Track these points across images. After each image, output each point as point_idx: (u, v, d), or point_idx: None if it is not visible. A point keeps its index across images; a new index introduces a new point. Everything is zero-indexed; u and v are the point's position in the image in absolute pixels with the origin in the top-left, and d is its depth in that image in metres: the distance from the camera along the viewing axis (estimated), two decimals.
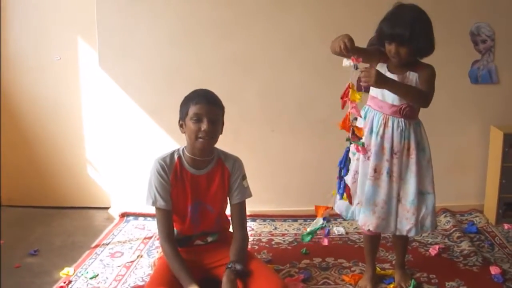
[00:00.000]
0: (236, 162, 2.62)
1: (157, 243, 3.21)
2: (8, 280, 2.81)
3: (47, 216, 3.77)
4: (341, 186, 2.40)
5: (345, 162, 2.38)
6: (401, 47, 2.34)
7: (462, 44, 3.57)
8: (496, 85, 3.63)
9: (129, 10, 3.55)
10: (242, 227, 2.61)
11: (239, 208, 2.61)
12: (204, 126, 2.39)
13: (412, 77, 2.42)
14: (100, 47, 3.57)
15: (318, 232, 2.55)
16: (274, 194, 3.70)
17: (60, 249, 3.25)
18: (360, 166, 2.56)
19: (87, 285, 2.78)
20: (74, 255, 3.15)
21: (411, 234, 2.54)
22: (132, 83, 3.63)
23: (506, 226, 3.48)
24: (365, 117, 2.56)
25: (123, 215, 3.73)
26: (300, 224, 3.59)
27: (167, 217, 2.51)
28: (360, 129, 2.32)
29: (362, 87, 2.35)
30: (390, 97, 2.45)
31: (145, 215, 3.66)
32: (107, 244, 3.29)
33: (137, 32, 3.57)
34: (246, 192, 2.62)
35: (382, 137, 2.49)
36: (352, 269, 2.93)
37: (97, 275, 2.88)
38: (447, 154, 3.53)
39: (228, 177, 2.59)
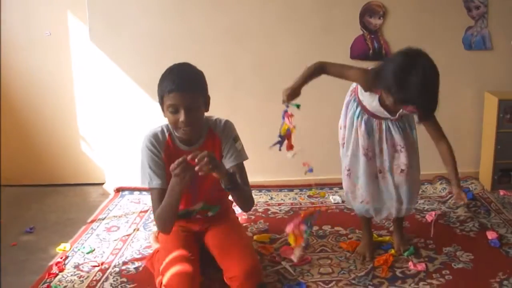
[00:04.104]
0: (225, 127, 2.46)
1: (153, 216, 3.19)
2: (5, 258, 2.80)
3: (41, 194, 3.76)
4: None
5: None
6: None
7: (455, 10, 3.54)
8: (490, 51, 3.61)
9: None
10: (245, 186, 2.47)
11: (237, 171, 2.42)
12: (181, 117, 2.23)
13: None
14: (90, 21, 3.52)
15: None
16: (269, 164, 3.67)
17: (55, 226, 3.25)
18: (364, 166, 2.58)
19: (84, 259, 2.78)
20: (69, 231, 3.15)
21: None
22: (124, 57, 3.60)
23: (501, 192, 3.50)
24: (357, 117, 2.57)
25: (118, 190, 3.72)
26: (296, 194, 3.61)
27: (163, 197, 2.32)
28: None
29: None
30: (384, 114, 2.49)
31: (140, 189, 3.66)
32: (103, 219, 3.29)
33: (128, 5, 3.52)
34: (240, 155, 2.46)
35: (380, 140, 2.55)
36: (349, 236, 2.94)
37: (94, 249, 2.89)
38: (442, 121, 3.47)
39: (219, 144, 2.44)
